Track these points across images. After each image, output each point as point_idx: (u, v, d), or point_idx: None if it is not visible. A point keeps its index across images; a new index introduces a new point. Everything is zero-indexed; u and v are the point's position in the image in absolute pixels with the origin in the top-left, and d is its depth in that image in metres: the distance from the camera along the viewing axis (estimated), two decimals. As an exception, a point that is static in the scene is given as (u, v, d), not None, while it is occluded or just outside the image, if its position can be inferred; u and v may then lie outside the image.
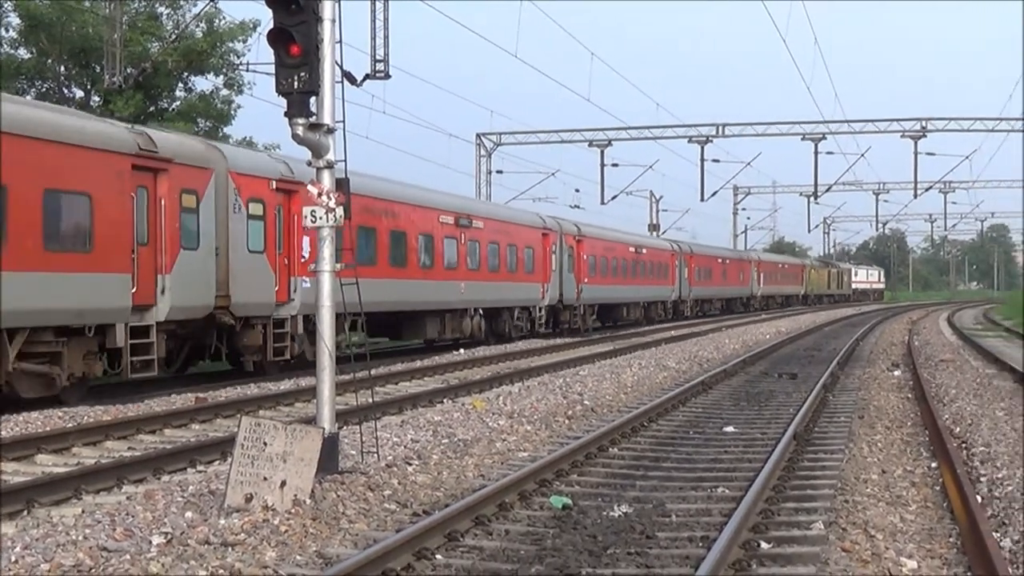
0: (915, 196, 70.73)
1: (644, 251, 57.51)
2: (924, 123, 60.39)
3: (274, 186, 24.37)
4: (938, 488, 12.32)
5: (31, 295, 17.85)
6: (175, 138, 22.68)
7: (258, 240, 23.83)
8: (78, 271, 18.80)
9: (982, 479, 12.48)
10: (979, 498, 11.17)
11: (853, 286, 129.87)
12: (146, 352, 20.35)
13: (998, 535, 9.73)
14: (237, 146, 32.69)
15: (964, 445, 14.98)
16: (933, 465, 13.69)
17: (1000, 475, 12.47)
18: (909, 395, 21.68)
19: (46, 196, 18.23)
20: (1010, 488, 11.65)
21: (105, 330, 19.54)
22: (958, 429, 16.43)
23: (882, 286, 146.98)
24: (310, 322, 23.92)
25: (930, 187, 74.93)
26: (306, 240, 24.51)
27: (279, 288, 24.36)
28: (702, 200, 65.86)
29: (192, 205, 21.71)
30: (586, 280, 47.39)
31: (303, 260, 24.36)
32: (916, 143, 61.07)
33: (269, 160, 24.86)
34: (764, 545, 9.55)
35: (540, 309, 42.68)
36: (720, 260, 75.08)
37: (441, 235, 33.91)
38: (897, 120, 61.25)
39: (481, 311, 37.25)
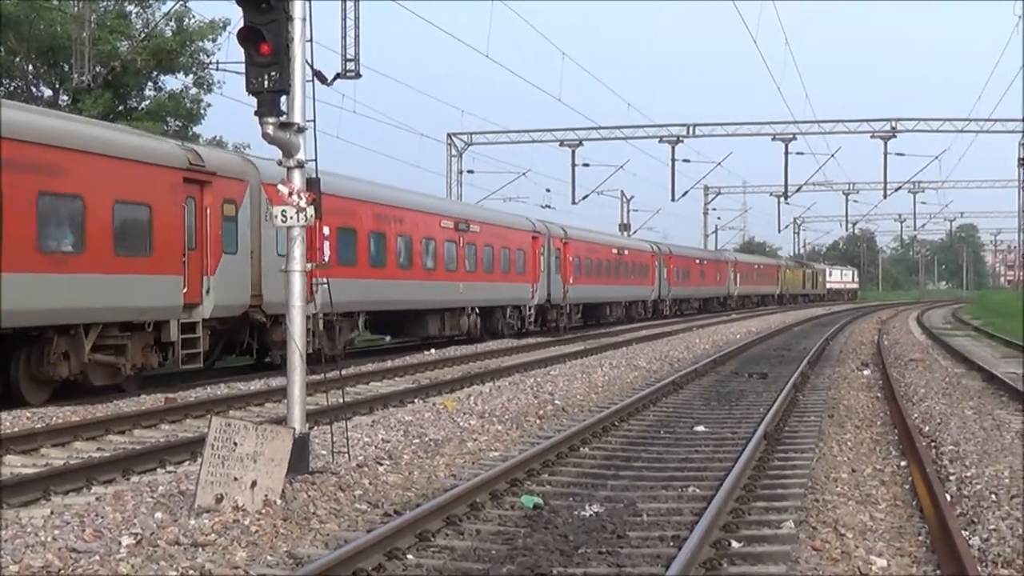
0: (885, 196, 71.01)
1: (625, 252, 59.11)
2: (894, 123, 60.62)
3: None
4: (907, 487, 12.37)
5: (105, 295, 20.13)
6: (218, 153, 24.84)
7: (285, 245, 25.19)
8: (141, 273, 21.03)
9: (951, 478, 12.53)
10: (948, 496, 11.21)
11: (828, 286, 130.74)
12: (193, 346, 22.48)
13: (967, 533, 9.78)
14: (209, 146, 33.02)
15: (933, 444, 15.05)
16: (902, 464, 13.76)
17: (969, 473, 12.53)
18: (878, 394, 21.77)
19: (116, 207, 20.41)
20: (979, 487, 11.71)
21: (160, 326, 21.70)
22: (927, 428, 16.50)
23: (856, 286, 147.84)
24: (329, 319, 27.25)
25: (900, 187, 75.26)
26: (326, 244, 26.95)
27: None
28: (673, 200, 65.87)
29: (232, 213, 23.86)
30: (571, 280, 48.97)
31: (323, 263, 26.18)
32: (886, 143, 61.30)
33: None
34: (735, 544, 9.57)
35: (530, 308, 44.63)
36: (698, 261, 76.37)
37: (442, 239, 36.12)
38: (867, 120, 61.48)
39: (477, 310, 39.06)
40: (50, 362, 19.24)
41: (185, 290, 22.06)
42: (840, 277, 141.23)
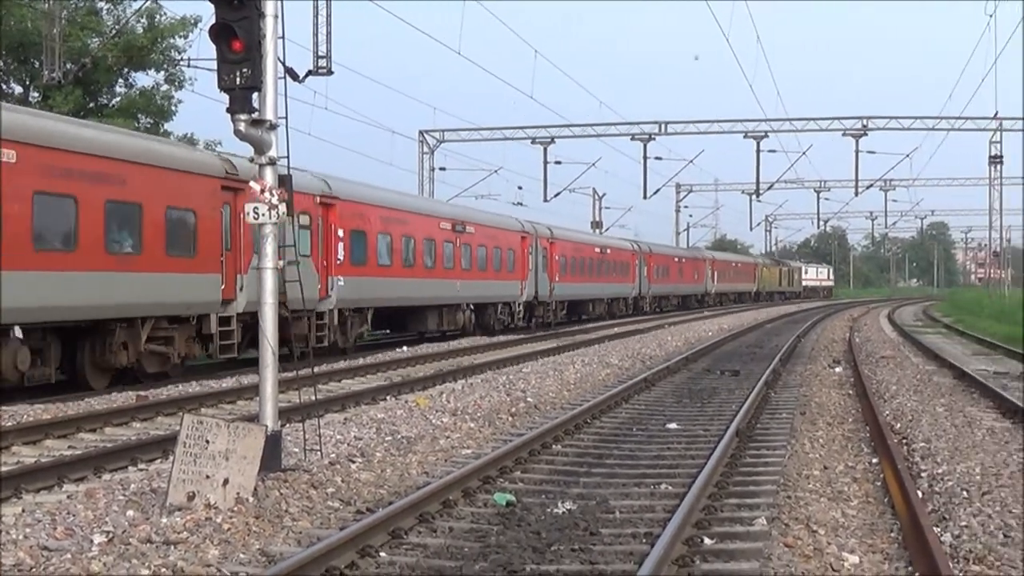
0: (856, 194, 71.40)
1: (608, 251, 60.68)
2: (865, 121, 60.89)
3: (317, 200, 28.60)
4: (879, 483, 12.41)
5: (159, 291, 22.45)
6: (249, 163, 25.55)
7: (306, 246, 27.34)
8: (187, 272, 23.29)
9: (923, 474, 12.59)
10: (920, 493, 11.27)
11: (803, 283, 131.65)
12: (229, 338, 24.73)
13: (939, 530, 9.82)
14: (183, 143, 33.26)
15: (905, 441, 15.12)
16: (874, 461, 13.81)
17: (940, 470, 12.60)
18: (850, 391, 21.84)
19: (168, 212, 22.74)
20: (950, 483, 11.77)
21: (201, 319, 24.01)
22: (899, 425, 16.57)
23: (831, 283, 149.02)
24: (343, 314, 30.37)
25: (871, 185, 75.58)
26: (340, 245, 29.58)
27: (320, 286, 28.73)
28: (645, 197, 66.07)
29: None
30: (557, 278, 50.86)
31: (338, 263, 29.37)
32: (857, 141, 61.62)
33: (314, 179, 28.97)
34: (707, 541, 9.59)
35: (519, 305, 46.56)
36: (677, 259, 78.06)
37: (441, 240, 38.19)
38: (839, 118, 61.74)
39: (471, 306, 41.01)
40: (111, 351, 21.54)
41: (223, 287, 24.25)
42: (816, 275, 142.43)
